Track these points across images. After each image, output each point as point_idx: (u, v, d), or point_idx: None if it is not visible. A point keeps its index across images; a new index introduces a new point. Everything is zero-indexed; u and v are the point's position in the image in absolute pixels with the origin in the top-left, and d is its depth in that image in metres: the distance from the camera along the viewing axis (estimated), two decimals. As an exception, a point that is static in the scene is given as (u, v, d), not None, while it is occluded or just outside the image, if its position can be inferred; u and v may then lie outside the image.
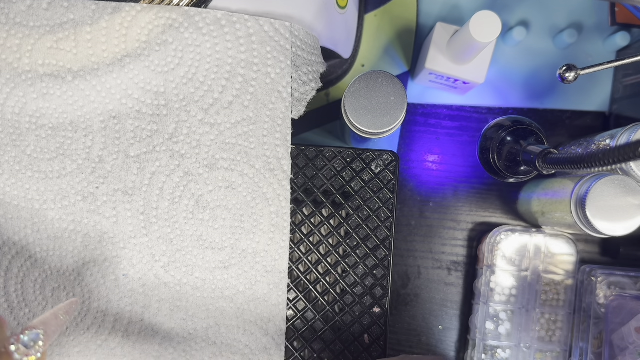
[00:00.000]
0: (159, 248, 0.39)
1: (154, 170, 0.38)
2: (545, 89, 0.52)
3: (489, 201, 0.52)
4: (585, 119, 0.52)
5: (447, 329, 0.52)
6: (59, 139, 0.38)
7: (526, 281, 0.48)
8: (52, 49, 0.37)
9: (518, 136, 0.47)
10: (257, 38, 0.37)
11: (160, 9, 0.36)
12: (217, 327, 0.40)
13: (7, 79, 0.37)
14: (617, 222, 0.39)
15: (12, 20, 0.36)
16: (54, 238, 0.39)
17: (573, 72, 0.38)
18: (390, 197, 0.41)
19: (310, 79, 0.40)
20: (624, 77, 0.50)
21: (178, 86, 0.38)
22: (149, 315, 0.39)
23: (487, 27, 0.40)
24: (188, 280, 0.39)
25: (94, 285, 0.39)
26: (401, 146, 0.52)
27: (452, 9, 0.52)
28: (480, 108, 0.52)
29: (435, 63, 0.46)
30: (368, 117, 0.38)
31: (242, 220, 0.39)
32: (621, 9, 0.51)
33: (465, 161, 0.52)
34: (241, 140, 0.38)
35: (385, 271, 0.41)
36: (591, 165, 0.33)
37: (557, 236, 0.48)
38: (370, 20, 0.52)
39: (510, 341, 0.48)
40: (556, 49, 0.52)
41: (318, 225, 0.41)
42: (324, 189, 0.41)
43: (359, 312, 0.41)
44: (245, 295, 0.40)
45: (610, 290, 0.46)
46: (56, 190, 0.38)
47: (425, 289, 0.52)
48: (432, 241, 0.52)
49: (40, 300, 0.39)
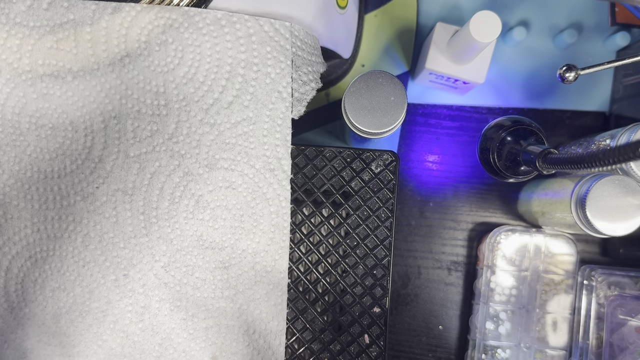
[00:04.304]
0: (159, 248, 0.39)
1: (154, 170, 0.38)
2: (545, 89, 0.52)
3: (489, 201, 0.52)
4: (585, 119, 0.52)
5: (447, 329, 0.52)
6: (59, 139, 0.38)
7: (526, 281, 0.48)
8: (52, 49, 0.37)
9: (518, 136, 0.47)
10: (257, 38, 0.37)
11: (160, 9, 0.36)
12: (217, 327, 0.40)
13: (7, 79, 0.37)
14: (617, 222, 0.39)
15: (12, 20, 0.36)
16: (54, 238, 0.39)
17: (573, 72, 0.38)
18: (390, 197, 0.41)
19: (310, 79, 0.40)
20: (624, 77, 0.50)
21: (178, 86, 0.38)
22: (149, 315, 0.39)
23: (487, 27, 0.40)
24: (188, 280, 0.39)
25: (94, 285, 0.39)
26: (401, 146, 0.52)
27: (452, 9, 0.52)
28: (480, 108, 0.52)
29: (435, 63, 0.46)
30: (368, 117, 0.38)
31: (242, 220, 0.39)
32: (621, 9, 0.51)
33: (465, 161, 0.52)
34: (241, 140, 0.38)
35: (385, 271, 0.41)
36: (591, 165, 0.33)
37: (557, 236, 0.48)
38: (370, 20, 0.52)
39: (510, 341, 0.48)
40: (556, 49, 0.52)
41: (318, 225, 0.41)
42: (324, 189, 0.41)
43: (359, 312, 0.41)
44: (245, 295, 0.40)
45: (610, 290, 0.46)
46: (56, 190, 0.38)
47: (425, 289, 0.52)
48: (432, 241, 0.52)
49: (41, 300, 0.39)
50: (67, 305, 0.39)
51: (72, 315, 0.39)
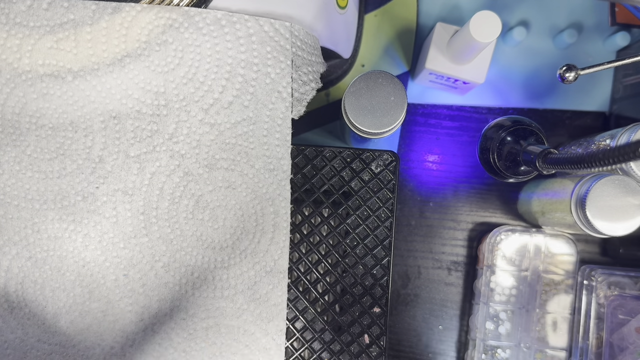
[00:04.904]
0: (159, 248, 0.39)
1: (154, 170, 0.38)
2: (545, 89, 0.52)
3: (489, 201, 0.52)
4: (585, 119, 0.52)
5: (447, 329, 0.52)
6: (59, 139, 0.38)
7: (526, 281, 0.48)
8: (52, 49, 0.37)
9: (518, 136, 0.47)
10: (257, 38, 0.37)
11: (160, 9, 0.36)
12: (217, 327, 0.40)
13: (7, 79, 0.37)
14: (617, 222, 0.39)
15: (12, 20, 0.36)
16: (54, 238, 0.39)
17: (573, 72, 0.38)
18: (390, 197, 0.41)
19: (310, 79, 0.40)
20: (624, 77, 0.50)
21: (178, 86, 0.38)
22: (149, 315, 0.39)
23: (487, 27, 0.40)
24: (188, 280, 0.39)
25: (94, 285, 0.39)
26: (401, 146, 0.52)
27: (452, 9, 0.52)
28: (480, 108, 0.52)
29: (435, 63, 0.46)
30: (368, 117, 0.38)
31: (242, 220, 0.39)
32: (621, 9, 0.51)
33: (465, 161, 0.52)
34: (241, 140, 0.38)
35: (385, 271, 0.41)
36: (591, 165, 0.33)
37: (557, 236, 0.48)
38: (370, 20, 0.52)
39: (510, 341, 0.48)
40: (556, 49, 0.52)
41: (318, 225, 0.41)
42: (324, 189, 0.41)
43: (359, 312, 0.41)
44: (245, 295, 0.40)
45: (610, 290, 0.46)
46: (56, 190, 0.38)
47: (425, 289, 0.52)
48: (432, 241, 0.52)
49: (41, 300, 0.39)
50: (67, 305, 0.39)
51: (72, 315, 0.39)
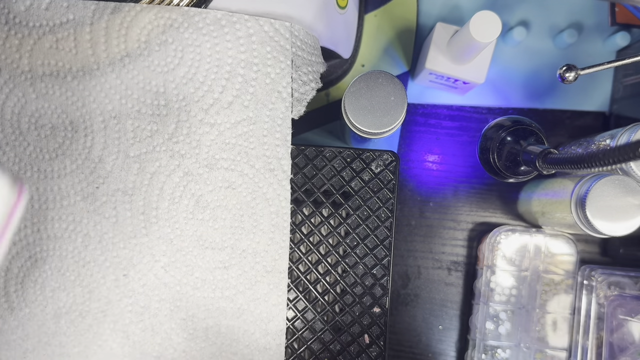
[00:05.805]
0: (159, 248, 0.39)
1: (154, 170, 0.38)
2: (545, 89, 0.52)
3: (489, 201, 0.52)
4: (585, 119, 0.52)
5: (447, 329, 0.52)
6: (59, 139, 0.38)
7: (526, 281, 0.48)
8: (52, 49, 0.37)
9: (518, 136, 0.47)
10: (257, 38, 0.37)
11: (160, 9, 0.36)
12: (217, 327, 0.40)
13: (7, 79, 0.37)
14: (617, 222, 0.39)
15: (12, 20, 0.36)
16: (54, 238, 0.39)
17: (573, 72, 0.38)
18: (390, 197, 0.41)
19: (310, 79, 0.40)
20: (624, 77, 0.50)
21: (178, 86, 0.38)
22: (149, 315, 0.39)
23: (487, 27, 0.40)
24: (188, 280, 0.39)
25: (94, 285, 0.39)
26: (401, 146, 0.52)
27: (452, 9, 0.52)
28: (480, 108, 0.52)
29: (435, 63, 0.46)
30: (368, 117, 0.38)
31: (242, 220, 0.39)
32: (621, 9, 0.51)
33: (465, 161, 0.52)
34: (241, 140, 0.38)
35: (385, 271, 0.41)
36: (591, 165, 0.33)
37: (557, 236, 0.48)
38: (370, 20, 0.52)
39: (510, 341, 0.48)
40: (556, 49, 0.52)
41: (318, 225, 0.41)
42: (324, 189, 0.41)
43: (359, 312, 0.41)
44: (245, 295, 0.40)
45: (610, 290, 0.46)
46: (56, 190, 0.38)
47: (425, 289, 0.52)
48: (432, 241, 0.52)
49: (41, 300, 0.39)
50: (67, 305, 0.39)
51: (72, 315, 0.39)
